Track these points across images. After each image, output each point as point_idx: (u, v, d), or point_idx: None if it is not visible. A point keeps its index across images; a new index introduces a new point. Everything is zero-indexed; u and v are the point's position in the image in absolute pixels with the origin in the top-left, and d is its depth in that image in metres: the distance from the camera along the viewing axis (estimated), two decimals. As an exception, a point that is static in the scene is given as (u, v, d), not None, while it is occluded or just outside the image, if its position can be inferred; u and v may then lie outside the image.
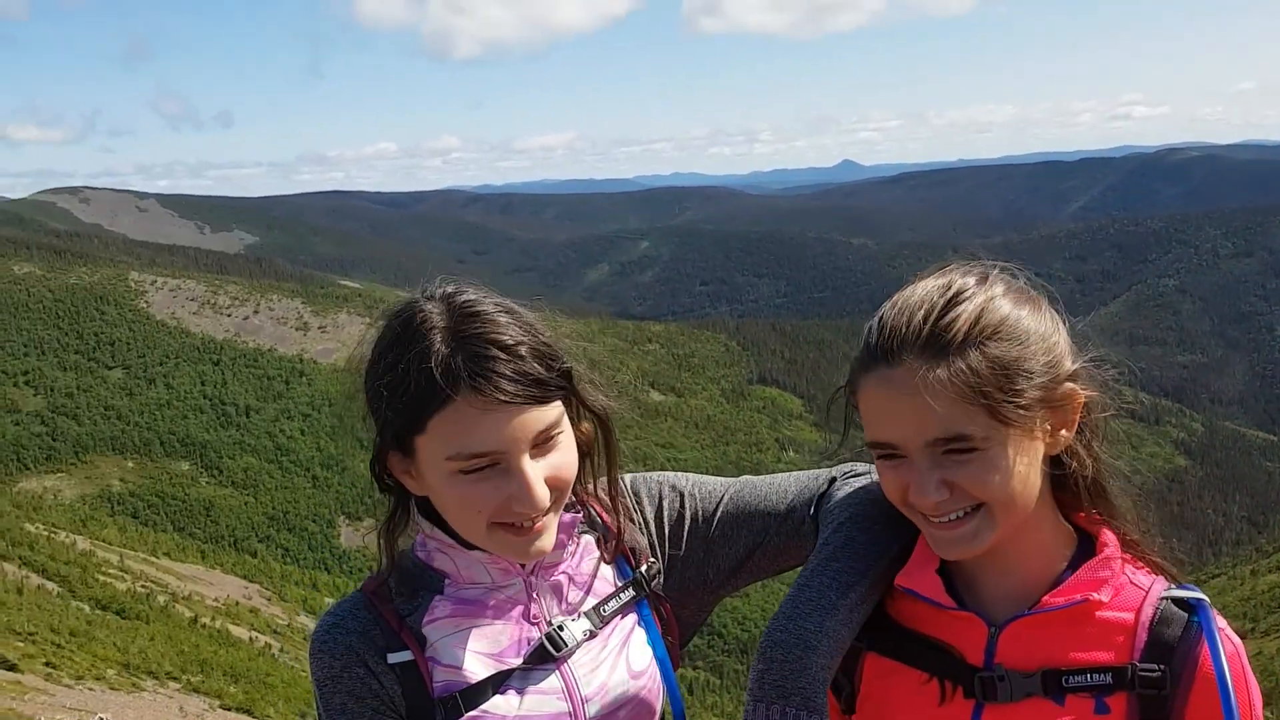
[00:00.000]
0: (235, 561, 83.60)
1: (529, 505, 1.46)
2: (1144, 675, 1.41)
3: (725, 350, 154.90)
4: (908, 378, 1.39)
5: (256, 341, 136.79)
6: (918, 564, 1.53)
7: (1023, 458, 1.42)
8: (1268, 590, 60.34)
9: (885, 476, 1.46)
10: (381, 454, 1.53)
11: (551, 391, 1.47)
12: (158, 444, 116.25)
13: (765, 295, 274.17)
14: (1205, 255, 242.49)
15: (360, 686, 1.53)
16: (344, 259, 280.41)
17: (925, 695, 1.51)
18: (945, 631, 1.51)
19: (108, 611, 48.34)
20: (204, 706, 32.86)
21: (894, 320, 1.43)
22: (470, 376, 1.41)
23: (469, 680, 1.54)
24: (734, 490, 1.73)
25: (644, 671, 1.64)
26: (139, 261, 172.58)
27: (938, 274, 1.49)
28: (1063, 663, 1.44)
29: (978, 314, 1.41)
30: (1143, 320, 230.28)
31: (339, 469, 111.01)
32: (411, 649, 1.54)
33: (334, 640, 1.54)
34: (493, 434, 1.43)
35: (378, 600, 1.58)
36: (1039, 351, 1.43)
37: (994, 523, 1.43)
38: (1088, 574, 1.47)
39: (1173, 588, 1.50)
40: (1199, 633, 1.42)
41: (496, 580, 1.59)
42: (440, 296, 1.51)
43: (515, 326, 1.48)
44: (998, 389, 1.39)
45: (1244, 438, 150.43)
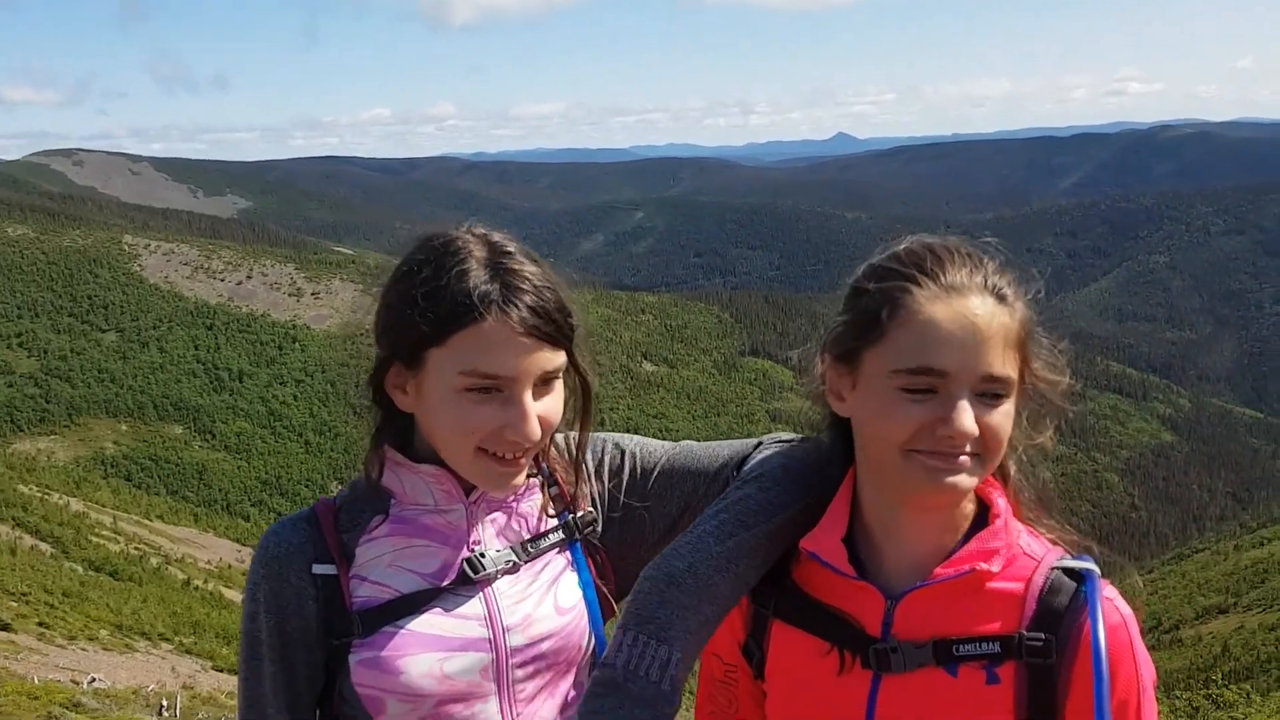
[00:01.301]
0: (228, 525, 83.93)
1: (522, 435, 1.53)
2: (1030, 644, 1.43)
3: (718, 322, 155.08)
4: (981, 311, 1.41)
5: (250, 307, 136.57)
6: (824, 529, 1.54)
7: (1014, 420, 1.47)
8: (1250, 565, 60.97)
9: (905, 410, 1.41)
10: (385, 364, 1.58)
11: (561, 338, 1.56)
12: (151, 407, 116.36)
13: (759, 268, 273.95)
14: (1196, 232, 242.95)
15: (274, 597, 1.59)
16: (337, 225, 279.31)
17: (826, 665, 1.52)
18: (846, 601, 1.52)
19: (101, 573, 48.66)
20: (196, 668, 33.13)
21: (957, 256, 1.46)
22: (502, 302, 1.50)
23: (391, 596, 1.59)
24: (673, 452, 1.78)
25: (571, 609, 1.67)
26: (133, 225, 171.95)
27: (946, 238, 1.51)
28: (953, 633, 1.46)
29: (1015, 279, 1.47)
30: (1132, 296, 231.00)
31: (332, 434, 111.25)
32: (336, 563, 1.60)
33: (266, 549, 1.62)
34: (508, 360, 1.50)
35: (321, 515, 1.64)
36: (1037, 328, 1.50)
37: (982, 471, 1.45)
38: (978, 545, 1.49)
39: (1066, 558, 1.51)
40: (1084, 602, 1.44)
41: (439, 503, 1.63)
42: (477, 233, 1.60)
43: (542, 272, 1.57)
44: (1030, 345, 1.46)
45: (1230, 414, 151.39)
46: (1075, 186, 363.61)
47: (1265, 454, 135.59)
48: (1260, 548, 65.58)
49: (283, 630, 1.60)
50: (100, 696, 21.68)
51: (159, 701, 21.99)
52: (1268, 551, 62.95)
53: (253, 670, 1.62)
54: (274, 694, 1.62)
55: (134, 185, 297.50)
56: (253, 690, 1.63)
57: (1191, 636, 50.30)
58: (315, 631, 1.60)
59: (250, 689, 1.63)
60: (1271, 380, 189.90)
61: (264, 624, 1.60)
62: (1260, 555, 62.85)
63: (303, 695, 1.63)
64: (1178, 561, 76.12)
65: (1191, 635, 50.68)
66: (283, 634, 1.60)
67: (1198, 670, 42.11)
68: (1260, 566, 59.68)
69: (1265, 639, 43.27)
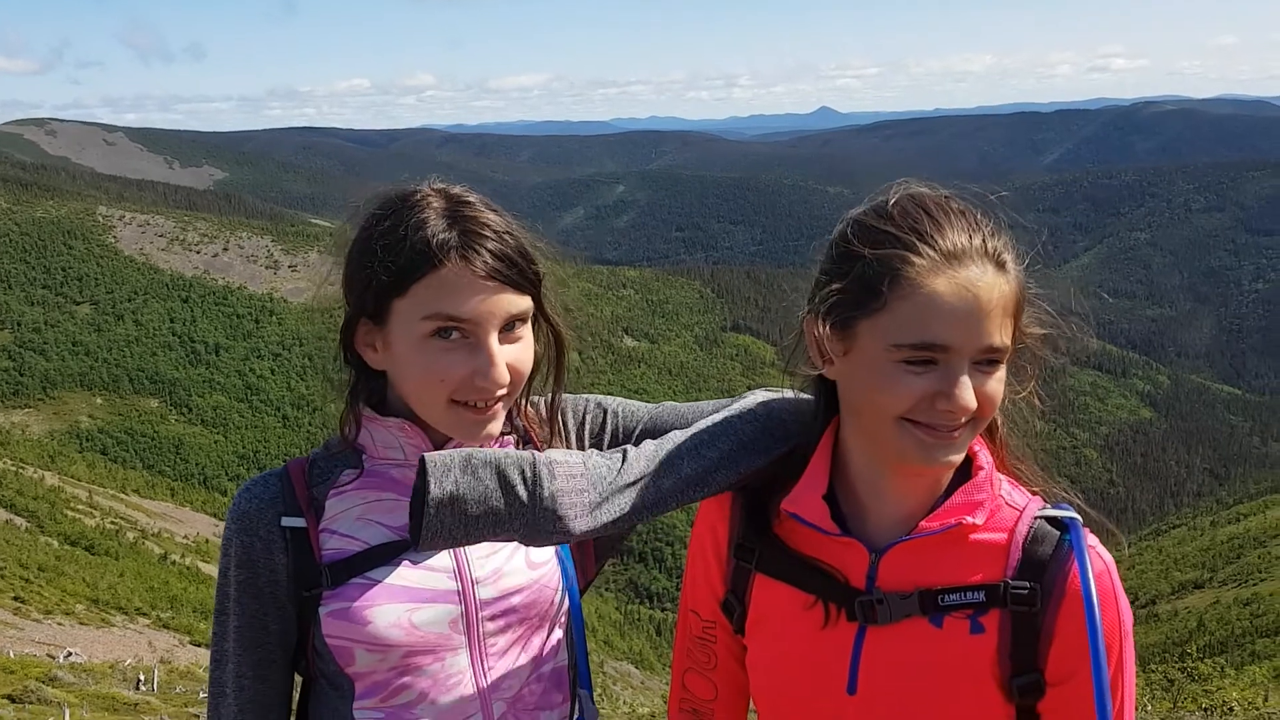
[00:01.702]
0: (205, 499, 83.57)
1: (490, 380, 1.53)
2: (1015, 592, 1.44)
3: (699, 297, 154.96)
4: (982, 283, 1.40)
5: (226, 279, 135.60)
6: (804, 489, 1.54)
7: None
8: (1226, 541, 61.49)
9: (905, 382, 1.41)
10: (353, 320, 1.60)
11: (525, 283, 1.57)
12: (126, 380, 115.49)
13: (740, 242, 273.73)
14: (1177, 209, 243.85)
15: (246, 550, 1.62)
16: (315, 197, 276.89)
17: (810, 617, 1.53)
18: (830, 555, 1.53)
19: (77, 547, 48.33)
20: (174, 642, 32.95)
21: (954, 216, 1.45)
22: (461, 247, 1.52)
23: (360, 548, 1.60)
24: (656, 411, 1.79)
25: (543, 564, 1.67)
26: (107, 196, 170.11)
27: (932, 190, 1.51)
28: (938, 583, 1.47)
29: (1010, 239, 1.48)
30: (1113, 273, 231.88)
31: (310, 409, 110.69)
32: (305, 516, 1.62)
33: (237, 505, 1.64)
34: (471, 303, 1.52)
35: (293, 471, 1.66)
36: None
37: (973, 436, 1.46)
38: (962, 497, 1.49)
39: (1047, 507, 1.52)
40: (1069, 550, 1.45)
41: (409, 456, 1.64)
42: (436, 188, 1.62)
43: (502, 219, 1.59)
44: (1022, 311, 1.47)
45: (1209, 391, 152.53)
46: (1057, 162, 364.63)
47: (1243, 431, 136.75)
48: (1236, 524, 66.13)
49: (253, 585, 1.62)
50: (76, 671, 21.45)
51: (136, 676, 21.78)
52: (1243, 527, 63.49)
53: (221, 625, 1.65)
54: (239, 648, 1.63)
55: (108, 156, 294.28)
56: (219, 645, 1.65)
57: (1168, 611, 50.71)
58: (286, 585, 1.61)
59: (217, 644, 1.66)
60: (1250, 357, 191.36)
61: (233, 579, 1.62)
62: (1236, 531, 63.40)
63: (273, 650, 1.64)
64: (1155, 537, 76.73)
65: (1168, 610, 51.10)
66: (252, 588, 1.62)
67: (1173, 644, 42.32)
68: (1236, 542, 60.19)
69: (1240, 614, 43.62)
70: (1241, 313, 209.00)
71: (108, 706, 17.88)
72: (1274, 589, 46.11)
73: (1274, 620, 40.15)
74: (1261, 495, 76.36)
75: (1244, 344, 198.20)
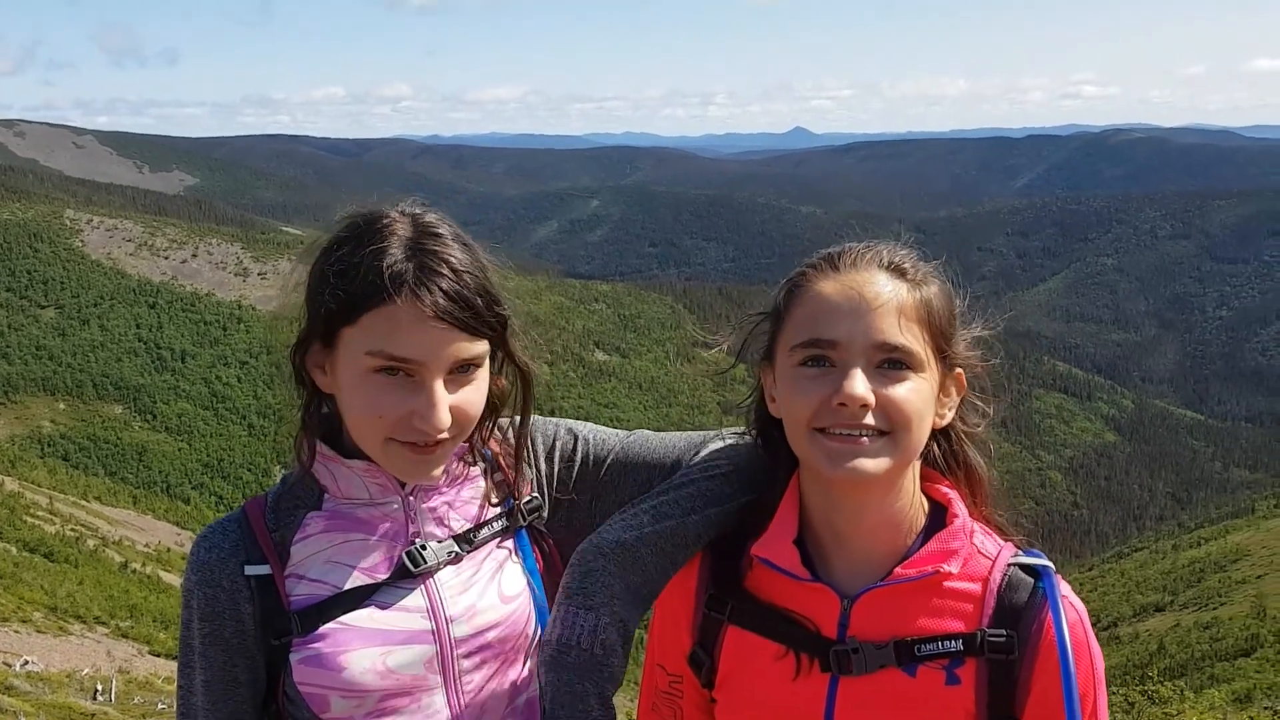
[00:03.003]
0: (168, 507, 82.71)
1: (429, 424, 1.49)
2: (992, 640, 1.45)
3: (671, 312, 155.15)
4: (870, 284, 1.45)
5: (194, 285, 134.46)
6: (775, 534, 1.54)
7: (930, 402, 1.48)
8: (1188, 565, 62.15)
9: (803, 387, 1.45)
10: (305, 341, 1.56)
11: (482, 327, 1.52)
12: (90, 386, 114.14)
13: (713, 259, 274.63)
14: (1144, 236, 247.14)
15: (210, 603, 1.58)
16: (287, 205, 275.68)
17: (781, 668, 1.52)
18: (799, 604, 1.52)
19: (35, 554, 47.62)
20: (133, 651, 32.60)
21: (857, 245, 1.52)
22: (415, 284, 1.46)
23: (330, 592, 1.57)
24: (627, 441, 1.77)
25: (515, 597, 1.66)
26: (75, 199, 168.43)
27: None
28: (913, 632, 1.47)
29: (929, 267, 1.53)
30: (1080, 297, 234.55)
31: (276, 418, 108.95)
32: (270, 563, 1.58)
33: (197, 555, 1.60)
34: (418, 344, 1.47)
35: (252, 515, 1.62)
36: (959, 316, 1.55)
37: (894, 451, 1.45)
38: (939, 545, 1.50)
39: (1019, 554, 1.53)
40: (1044, 598, 1.46)
41: (374, 496, 1.61)
42: (408, 212, 1.57)
43: (468, 257, 1.53)
44: (944, 324, 1.49)
45: (1172, 416, 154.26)
46: (1027, 187, 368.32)
47: (1205, 456, 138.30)
48: (1197, 548, 66.88)
49: (218, 637, 1.58)
50: (33, 679, 21.20)
51: (94, 685, 21.53)
52: (1204, 552, 64.23)
53: (186, 678, 1.62)
54: (207, 702, 1.60)
55: (78, 159, 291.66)
56: (185, 700, 1.63)
57: (1129, 634, 51.14)
58: (253, 634, 1.58)
59: (183, 698, 1.63)
60: (1213, 383, 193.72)
61: (197, 632, 1.59)
62: (1197, 555, 64.09)
63: (243, 702, 1.61)
64: (1117, 560, 77.45)
65: (1129, 632, 51.53)
66: (218, 640, 1.58)
67: (1134, 666, 42.69)
68: (1197, 566, 60.87)
69: (1200, 637, 44.12)
70: (1205, 339, 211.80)
71: (64, 716, 17.65)
72: (1234, 613, 46.65)
73: (1233, 644, 40.62)
74: (1222, 520, 77.36)
75: (1207, 370, 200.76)
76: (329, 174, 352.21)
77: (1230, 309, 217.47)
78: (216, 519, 1.67)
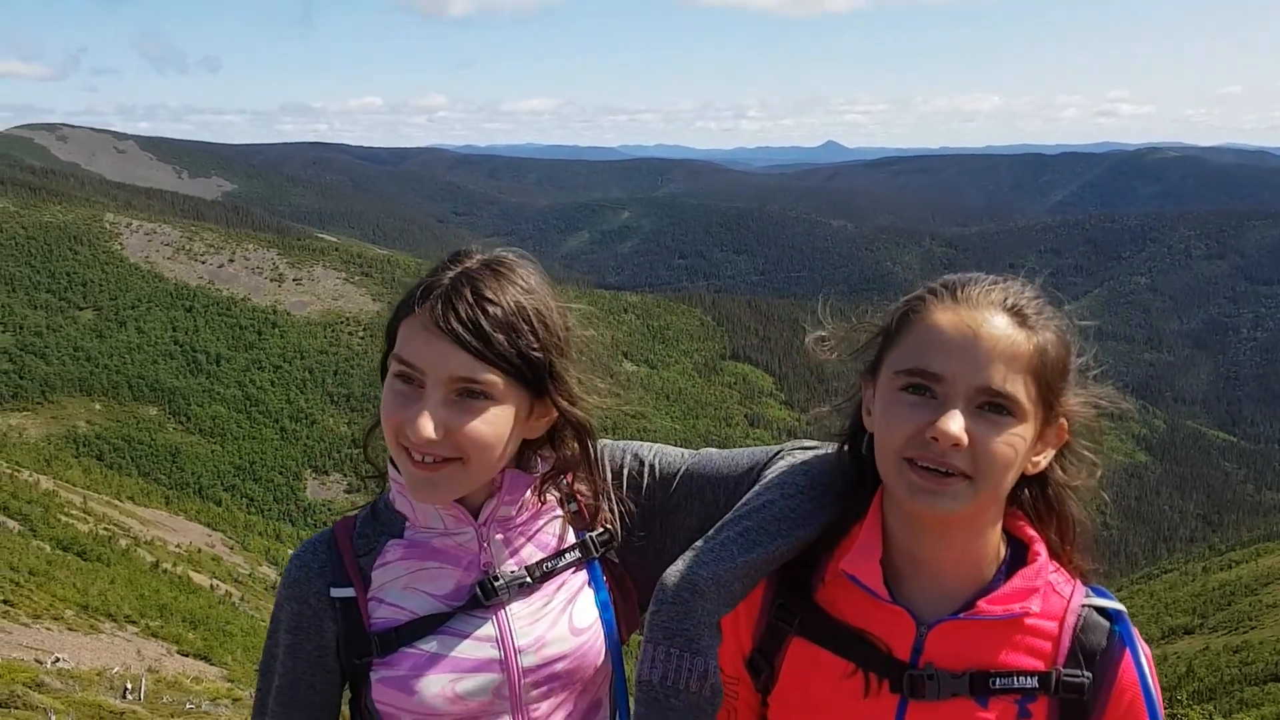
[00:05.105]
0: (199, 509, 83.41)
1: (414, 433, 1.51)
2: (1068, 680, 1.46)
3: (700, 324, 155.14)
4: (987, 324, 1.41)
5: (230, 290, 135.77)
6: (862, 552, 1.53)
7: (1025, 452, 1.45)
8: (1218, 588, 61.42)
9: (900, 413, 1.44)
10: (387, 354, 1.62)
11: (490, 354, 1.53)
12: (126, 387, 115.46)
13: (743, 271, 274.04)
14: (1178, 255, 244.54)
15: (296, 618, 1.66)
16: (323, 212, 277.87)
17: (850, 686, 1.52)
18: (874, 624, 1.52)
19: (68, 552, 48.20)
20: (162, 651, 32.92)
21: (984, 279, 1.49)
22: (435, 298, 1.53)
23: (407, 618, 1.63)
24: (692, 461, 1.77)
25: (586, 629, 1.68)
26: (115, 203, 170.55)
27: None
28: (991, 665, 1.47)
29: (1053, 313, 1.50)
30: (1112, 317, 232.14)
31: (308, 422, 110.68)
32: (355, 586, 1.65)
33: (290, 571, 1.69)
34: (420, 352, 1.52)
35: (340, 537, 1.70)
36: (1073, 366, 1.52)
37: (973, 497, 1.43)
38: (1023, 582, 1.49)
39: (1091, 595, 1.54)
40: (1120, 642, 1.49)
41: (449, 527, 1.65)
42: (493, 251, 1.64)
43: (508, 296, 1.56)
44: (1055, 374, 1.45)
45: (1204, 437, 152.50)
46: (1060, 205, 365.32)
47: (1237, 478, 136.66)
48: (1228, 570, 66.07)
49: (299, 649, 1.66)
50: (64, 676, 21.48)
51: (123, 684, 21.81)
52: (1235, 575, 63.44)
53: (265, 682, 1.72)
54: (277, 705, 1.69)
55: (118, 163, 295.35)
56: (260, 701, 1.73)
57: (1157, 656, 50.01)
58: (334, 652, 1.66)
59: (260, 699, 1.73)
60: (1246, 405, 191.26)
61: (281, 641, 1.68)
62: (1228, 578, 63.34)
63: (313, 710, 1.69)
64: (1147, 581, 76.61)
65: (1157, 655, 50.68)
66: (299, 652, 1.66)
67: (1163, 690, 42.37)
68: (1227, 589, 60.14)
69: (1229, 661, 43.62)
70: (1239, 360, 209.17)
71: (94, 714, 17.91)
72: (1264, 637, 46.11)
73: (1263, 668, 40.19)
74: (1254, 543, 76.35)
75: (1240, 391, 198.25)
76: (365, 182, 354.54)
77: (1265, 330, 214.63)
78: (310, 536, 1.75)
